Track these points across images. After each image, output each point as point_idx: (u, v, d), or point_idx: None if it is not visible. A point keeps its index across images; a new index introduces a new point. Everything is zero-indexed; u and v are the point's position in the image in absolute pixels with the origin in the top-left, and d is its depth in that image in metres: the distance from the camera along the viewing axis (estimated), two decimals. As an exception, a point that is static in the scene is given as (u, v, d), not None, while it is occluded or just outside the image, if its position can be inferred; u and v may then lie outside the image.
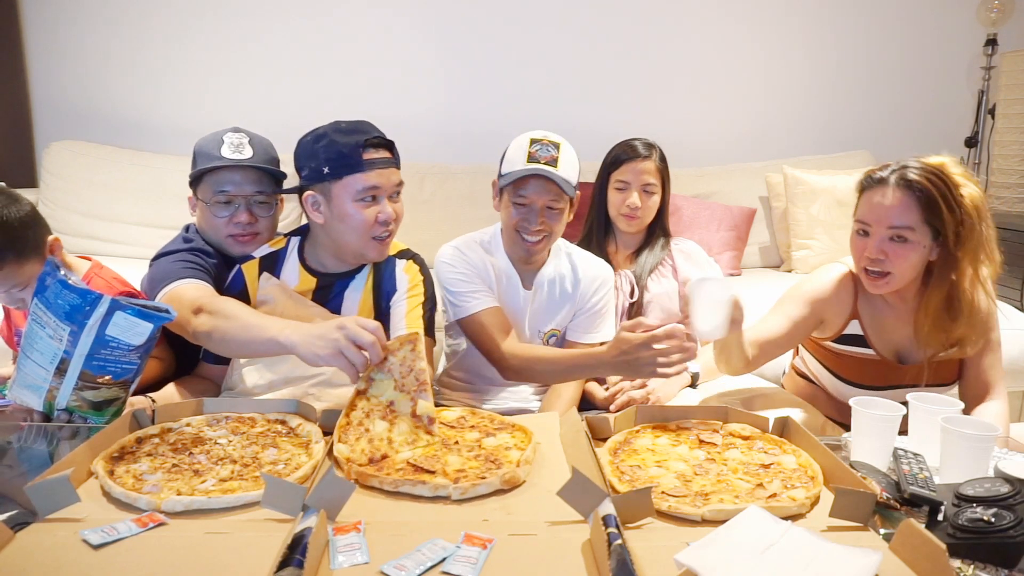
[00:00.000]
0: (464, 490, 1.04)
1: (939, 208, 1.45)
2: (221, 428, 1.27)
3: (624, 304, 1.93)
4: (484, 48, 3.58)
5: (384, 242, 1.59)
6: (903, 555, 0.88)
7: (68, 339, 1.25)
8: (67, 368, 1.27)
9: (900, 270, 1.50)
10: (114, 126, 3.44)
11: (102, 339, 1.26)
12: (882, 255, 1.49)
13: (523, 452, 1.16)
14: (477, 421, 1.32)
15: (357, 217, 1.52)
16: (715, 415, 1.30)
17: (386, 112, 3.56)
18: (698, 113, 3.69)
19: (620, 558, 0.82)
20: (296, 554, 0.82)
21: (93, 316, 1.24)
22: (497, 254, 1.80)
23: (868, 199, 1.52)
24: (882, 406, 1.23)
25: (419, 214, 3.33)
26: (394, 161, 1.57)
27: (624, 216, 1.94)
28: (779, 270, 3.34)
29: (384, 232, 1.56)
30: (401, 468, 1.10)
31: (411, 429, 1.21)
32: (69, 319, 1.24)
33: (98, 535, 0.91)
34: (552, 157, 1.63)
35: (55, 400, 1.30)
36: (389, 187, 1.55)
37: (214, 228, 1.67)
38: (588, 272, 1.79)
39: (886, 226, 1.48)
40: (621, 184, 1.92)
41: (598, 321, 1.79)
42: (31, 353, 1.29)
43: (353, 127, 1.54)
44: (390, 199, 1.56)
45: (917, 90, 3.72)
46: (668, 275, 1.98)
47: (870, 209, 1.51)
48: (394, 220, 1.57)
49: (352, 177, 1.50)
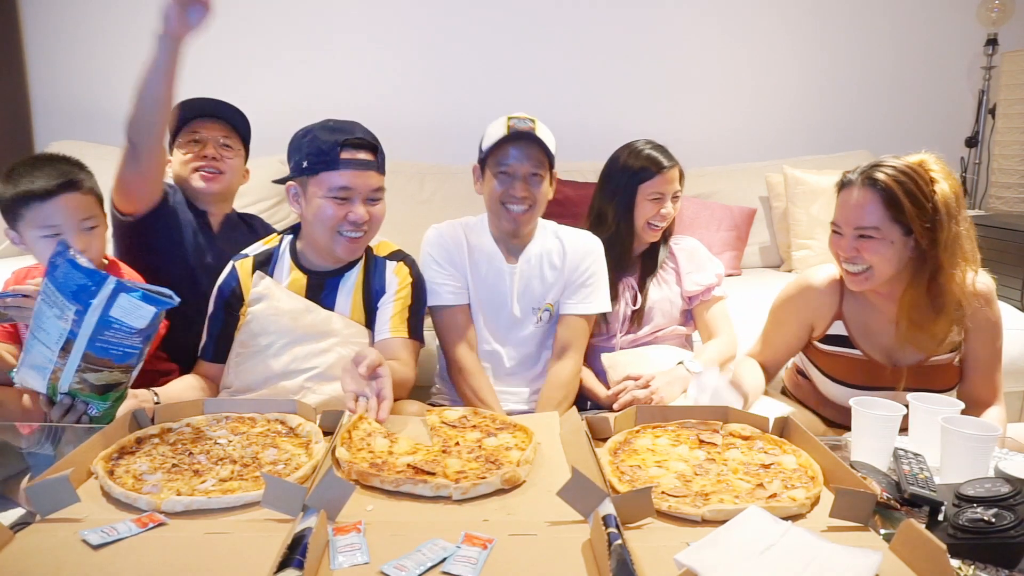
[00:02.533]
0: (465, 490, 1.04)
1: (903, 205, 1.46)
2: (221, 428, 1.27)
3: (627, 312, 1.93)
4: (485, 49, 3.57)
5: (354, 241, 1.59)
6: (903, 555, 0.88)
7: (74, 319, 1.26)
8: (71, 348, 1.27)
9: (877, 264, 1.50)
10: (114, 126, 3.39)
11: (106, 320, 1.27)
12: (855, 252, 1.51)
13: (523, 452, 1.16)
14: (479, 421, 1.32)
15: (326, 212, 1.55)
16: (715, 415, 1.30)
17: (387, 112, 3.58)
18: (698, 113, 3.68)
19: (620, 558, 0.82)
20: (296, 554, 0.82)
21: (98, 296, 1.25)
22: (482, 235, 1.82)
23: (839, 200, 1.56)
24: (882, 406, 1.23)
25: (419, 214, 3.32)
26: (375, 164, 1.58)
27: (652, 226, 1.91)
28: (779, 270, 3.33)
29: (354, 232, 1.57)
30: (401, 470, 1.10)
31: (412, 445, 1.21)
32: (76, 299, 1.25)
33: (98, 535, 0.91)
34: (529, 128, 1.70)
35: (59, 382, 1.31)
36: (363, 189, 1.56)
37: (183, 164, 1.87)
38: (575, 244, 1.82)
39: (853, 226, 1.51)
40: (657, 195, 1.88)
41: (588, 291, 1.81)
42: (38, 333, 1.29)
43: (339, 126, 1.56)
44: (366, 202, 1.57)
45: (917, 90, 3.71)
46: (670, 279, 1.98)
47: (840, 210, 1.55)
48: (367, 222, 1.58)
49: (327, 174, 1.54)
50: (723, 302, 1.97)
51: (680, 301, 1.97)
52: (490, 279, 1.80)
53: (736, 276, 3.11)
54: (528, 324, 1.82)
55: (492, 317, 1.82)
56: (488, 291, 1.81)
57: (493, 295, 1.81)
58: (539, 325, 1.83)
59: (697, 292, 1.95)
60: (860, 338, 1.62)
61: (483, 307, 1.81)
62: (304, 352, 1.58)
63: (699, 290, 1.95)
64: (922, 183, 1.47)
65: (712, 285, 1.95)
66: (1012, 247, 2.69)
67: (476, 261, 1.80)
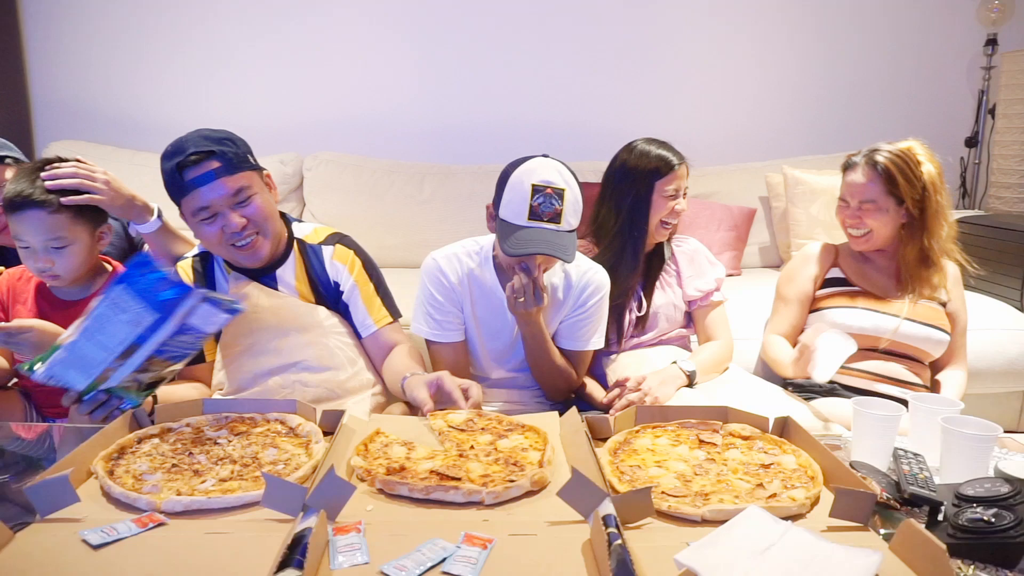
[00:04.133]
0: (498, 494, 1.03)
1: (898, 181, 1.84)
2: (221, 428, 1.27)
3: (632, 318, 1.91)
4: (484, 49, 3.57)
5: (249, 247, 1.54)
6: (903, 555, 0.88)
7: (149, 325, 1.26)
8: (135, 352, 1.28)
9: (876, 227, 1.89)
10: (114, 126, 3.44)
11: (184, 327, 1.28)
12: (858, 219, 1.90)
13: (543, 453, 1.15)
14: (486, 423, 1.30)
15: (205, 234, 1.53)
16: (715, 415, 1.30)
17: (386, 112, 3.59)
18: (698, 113, 3.69)
19: (620, 558, 0.82)
20: (296, 554, 0.82)
21: (183, 306, 1.26)
22: (485, 268, 1.71)
23: (846, 178, 1.93)
24: (882, 406, 1.23)
25: (419, 214, 3.33)
26: (224, 169, 1.48)
27: (665, 225, 1.88)
28: (779, 270, 3.33)
29: (242, 240, 1.53)
30: (426, 477, 1.08)
31: (429, 451, 1.20)
32: (159, 308, 1.26)
33: (98, 535, 0.91)
34: (556, 212, 1.50)
35: (105, 381, 1.30)
36: (222, 200, 1.49)
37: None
38: (581, 279, 1.73)
39: (857, 199, 1.89)
40: (671, 193, 1.85)
41: (588, 329, 1.74)
42: (93, 335, 1.27)
43: (174, 148, 1.50)
44: (235, 208, 1.51)
45: (917, 90, 3.72)
46: (673, 282, 1.97)
47: (846, 186, 1.93)
48: (246, 226, 1.51)
49: (183, 201, 1.51)
50: (722, 307, 1.97)
51: (683, 304, 1.97)
52: (491, 313, 1.73)
53: (736, 276, 3.11)
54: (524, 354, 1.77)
55: (490, 342, 1.77)
56: (488, 323, 1.74)
57: (493, 326, 1.74)
58: None
59: (697, 298, 1.95)
60: (857, 279, 1.97)
61: (481, 334, 1.75)
62: (288, 346, 1.58)
63: (698, 296, 1.95)
64: (912, 164, 1.85)
65: (711, 291, 1.95)
66: (1012, 247, 2.69)
67: (477, 296, 1.72)
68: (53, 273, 1.54)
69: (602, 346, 1.80)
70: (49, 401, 1.66)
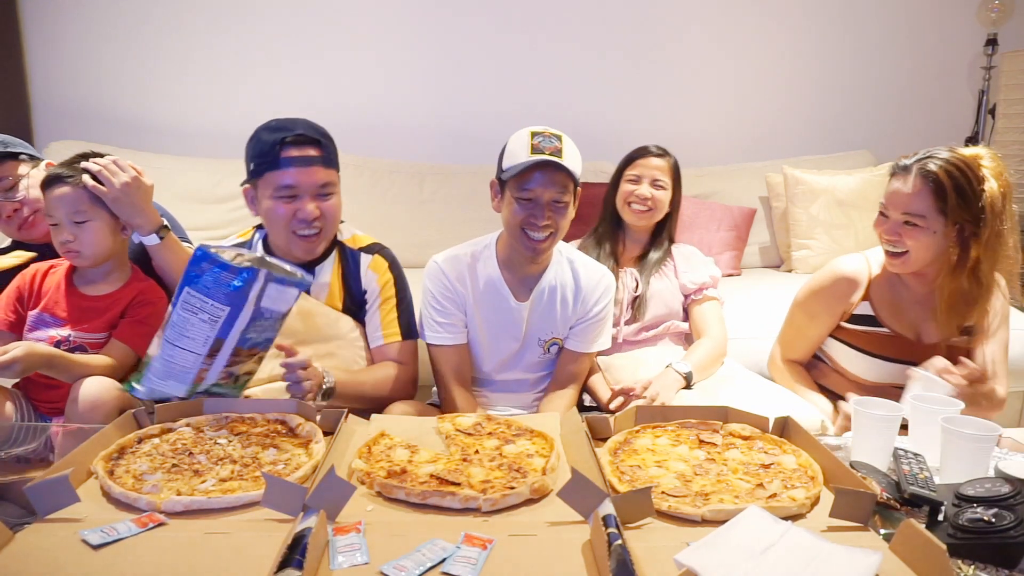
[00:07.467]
0: (495, 501, 1.02)
1: (951, 199, 1.50)
2: (221, 428, 1.27)
3: (628, 298, 1.95)
4: (485, 49, 3.57)
5: (309, 240, 1.57)
6: (903, 555, 0.88)
7: (225, 318, 1.26)
8: (221, 347, 1.28)
9: (914, 249, 1.56)
10: (114, 126, 3.43)
11: (258, 312, 1.28)
12: (896, 236, 1.57)
13: (547, 460, 1.14)
14: (494, 428, 1.29)
15: (276, 212, 1.54)
16: (715, 415, 1.30)
17: (387, 112, 3.59)
18: (698, 113, 3.69)
19: (620, 558, 0.82)
20: (296, 554, 0.82)
21: (253, 291, 1.26)
22: (489, 267, 1.71)
23: (891, 185, 1.60)
24: (882, 406, 1.23)
25: (419, 214, 3.33)
26: (320, 160, 1.54)
27: (633, 209, 1.96)
28: (779, 270, 3.33)
29: (307, 230, 1.56)
30: (425, 481, 1.08)
31: (432, 455, 1.19)
32: (228, 300, 1.25)
33: (98, 535, 0.91)
34: (556, 148, 1.56)
35: (203, 382, 1.31)
36: (310, 186, 1.54)
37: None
38: (590, 281, 1.74)
39: (900, 212, 1.56)
40: (633, 177, 1.99)
41: (596, 332, 1.76)
42: (178, 341, 1.27)
43: (280, 124, 1.54)
44: (316, 198, 1.55)
45: (917, 90, 3.72)
46: (670, 274, 2.01)
47: (890, 195, 1.59)
48: (318, 219, 1.55)
49: (271, 174, 1.53)
50: (715, 303, 1.99)
51: (680, 295, 2.00)
52: (495, 316, 1.73)
53: (736, 276, 3.11)
54: (532, 355, 1.78)
55: (494, 347, 1.76)
56: (492, 327, 1.74)
57: (497, 330, 1.74)
58: (544, 356, 1.79)
59: (691, 290, 1.99)
60: (887, 316, 1.68)
61: (485, 339, 1.75)
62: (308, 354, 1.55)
63: (693, 288, 1.99)
64: (972, 179, 1.51)
65: (705, 284, 1.98)
66: (1012, 247, 2.68)
67: (480, 298, 1.71)
68: (75, 248, 1.62)
69: (609, 346, 1.83)
70: (46, 397, 1.65)
